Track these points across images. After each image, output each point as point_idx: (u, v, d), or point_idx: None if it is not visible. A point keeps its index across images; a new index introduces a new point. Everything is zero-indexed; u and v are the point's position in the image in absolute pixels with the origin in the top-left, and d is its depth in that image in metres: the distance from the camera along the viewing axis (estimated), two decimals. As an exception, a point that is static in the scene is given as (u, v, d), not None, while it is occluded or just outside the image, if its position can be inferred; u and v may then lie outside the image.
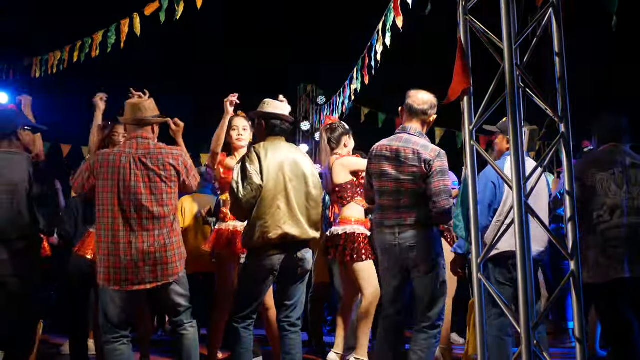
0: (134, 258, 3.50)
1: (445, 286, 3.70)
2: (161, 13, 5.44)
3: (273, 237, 3.67)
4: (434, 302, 3.63)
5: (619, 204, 3.76)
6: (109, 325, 3.55)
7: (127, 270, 3.50)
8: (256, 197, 3.69)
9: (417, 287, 3.67)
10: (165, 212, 3.60)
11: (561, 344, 6.13)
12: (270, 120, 3.90)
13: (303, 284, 3.89)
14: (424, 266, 3.62)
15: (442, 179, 3.60)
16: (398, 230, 3.66)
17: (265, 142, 3.87)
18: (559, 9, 2.96)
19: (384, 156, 3.74)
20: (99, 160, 3.60)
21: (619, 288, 3.68)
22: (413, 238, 3.62)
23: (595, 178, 3.83)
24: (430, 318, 3.63)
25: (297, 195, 3.76)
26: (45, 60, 7.33)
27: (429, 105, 3.80)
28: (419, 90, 3.83)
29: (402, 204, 3.66)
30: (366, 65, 6.07)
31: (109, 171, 3.55)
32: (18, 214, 3.90)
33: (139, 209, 3.53)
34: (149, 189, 3.57)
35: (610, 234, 3.74)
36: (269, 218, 3.68)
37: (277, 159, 3.77)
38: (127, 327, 3.61)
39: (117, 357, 3.53)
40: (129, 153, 3.60)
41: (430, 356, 3.61)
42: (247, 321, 3.79)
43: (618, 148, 3.93)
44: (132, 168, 3.56)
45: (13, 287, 3.88)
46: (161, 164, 3.62)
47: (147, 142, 3.68)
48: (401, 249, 3.64)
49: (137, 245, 3.51)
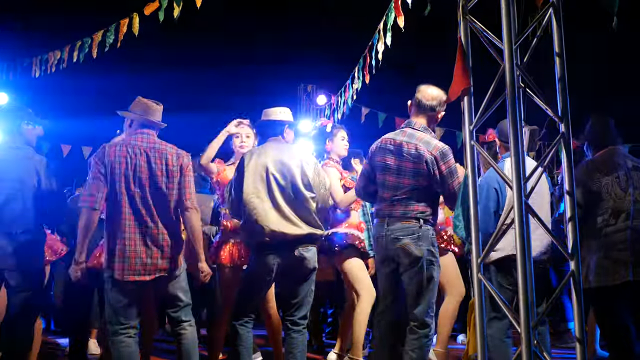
0: (137, 249, 3.55)
1: (433, 283, 3.66)
2: (160, 12, 5.43)
3: (262, 236, 3.74)
4: (420, 298, 3.61)
5: (623, 208, 3.75)
6: (116, 316, 3.56)
7: (130, 260, 3.54)
8: (238, 203, 3.81)
9: (404, 281, 3.66)
10: (167, 204, 3.66)
11: (561, 344, 6.13)
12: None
13: (307, 283, 3.89)
14: (407, 259, 3.61)
15: (455, 179, 3.62)
16: (387, 221, 3.68)
17: (255, 148, 4.09)
18: (559, 9, 2.96)
19: (388, 149, 3.76)
20: (105, 152, 3.64)
21: (622, 291, 3.67)
22: (399, 230, 3.62)
23: (601, 182, 3.81)
24: (416, 315, 3.60)
25: (284, 193, 3.81)
26: (45, 60, 7.31)
27: (438, 101, 3.79)
28: (430, 85, 3.82)
29: (397, 197, 3.67)
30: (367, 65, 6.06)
31: (115, 162, 3.59)
32: (24, 208, 3.92)
33: (143, 201, 3.60)
34: (151, 181, 3.63)
35: (615, 238, 3.73)
36: (256, 219, 3.74)
37: (261, 161, 3.85)
38: (135, 318, 3.61)
39: (123, 348, 3.55)
40: (134, 145, 3.67)
41: (424, 356, 3.59)
42: (244, 319, 3.81)
43: (616, 151, 3.92)
44: (138, 159, 3.62)
45: (15, 281, 3.90)
46: (164, 158, 3.68)
47: (152, 137, 3.76)
48: (387, 240, 3.65)
49: (140, 237, 3.57)
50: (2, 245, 3.87)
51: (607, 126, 3.99)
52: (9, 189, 3.92)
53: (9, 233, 3.89)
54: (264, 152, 3.91)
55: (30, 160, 4.00)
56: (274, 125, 4.02)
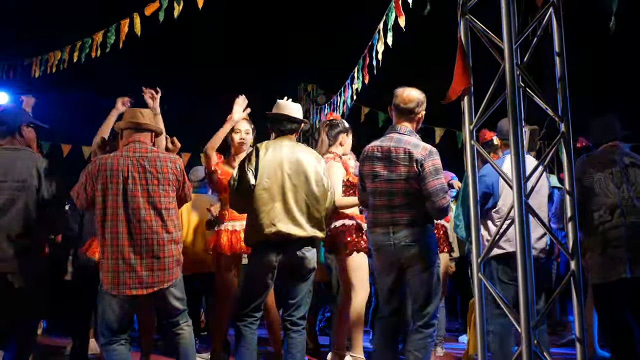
0: (131, 262, 3.48)
1: (439, 284, 3.68)
2: (161, 12, 5.44)
3: (267, 235, 3.71)
4: (429, 300, 3.61)
5: (618, 204, 3.76)
6: (107, 329, 3.54)
7: (125, 274, 3.48)
8: (247, 196, 3.74)
9: (413, 285, 3.64)
10: (162, 215, 3.58)
11: (561, 338, 6.15)
12: (275, 120, 3.96)
13: (306, 283, 3.88)
14: (420, 264, 3.59)
15: (437, 177, 3.57)
16: (392, 230, 3.63)
17: (269, 141, 3.94)
18: (560, 8, 2.96)
19: (376, 157, 3.71)
20: (97, 164, 3.60)
21: (620, 288, 3.67)
22: (408, 237, 3.59)
23: (593, 178, 3.84)
24: (425, 316, 3.60)
25: (296, 193, 3.76)
26: (45, 60, 7.31)
27: (416, 103, 3.73)
28: (406, 88, 3.77)
29: (396, 204, 3.63)
30: (366, 64, 6.06)
31: (107, 175, 3.54)
32: (25, 211, 3.90)
33: (136, 213, 3.52)
34: (146, 192, 3.56)
35: (611, 234, 3.75)
36: (263, 216, 3.72)
37: (277, 157, 3.79)
38: (125, 331, 3.59)
39: (116, 356, 3.53)
40: (126, 156, 3.60)
41: (427, 356, 3.59)
42: (248, 319, 3.80)
43: (617, 148, 3.93)
44: (130, 171, 3.55)
45: (16, 284, 3.89)
46: (159, 167, 3.62)
47: (145, 146, 3.68)
48: (396, 248, 3.61)
49: (134, 249, 3.49)
50: (3, 247, 3.86)
51: (605, 124, 4.01)
52: (10, 191, 3.91)
53: (10, 235, 3.88)
54: (280, 148, 3.84)
55: (30, 161, 3.99)
56: (291, 122, 3.95)
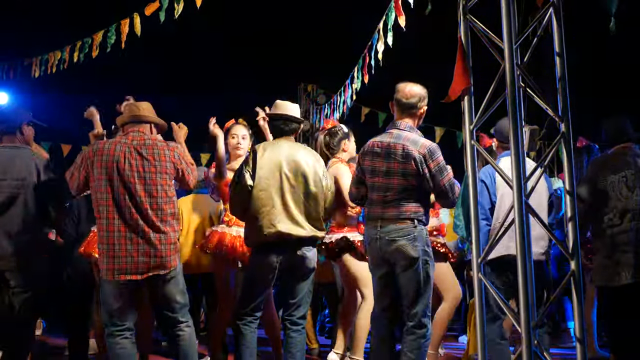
0: (127, 247, 3.49)
1: (429, 284, 3.63)
2: (161, 12, 5.44)
3: (268, 236, 3.72)
4: (417, 299, 3.57)
5: (629, 208, 3.72)
6: (110, 318, 3.54)
7: (120, 259, 3.48)
8: (245, 197, 3.74)
9: (400, 282, 3.62)
10: (159, 203, 3.57)
11: (561, 343, 6.13)
12: (273, 121, 3.98)
13: (306, 283, 3.89)
14: (404, 260, 3.57)
15: (445, 175, 3.58)
16: (380, 224, 3.63)
17: (267, 142, 3.95)
18: (560, 8, 2.96)
19: (375, 152, 3.71)
20: (93, 149, 3.59)
21: (624, 293, 3.65)
22: (392, 232, 3.58)
23: (607, 181, 3.79)
24: (415, 315, 3.58)
25: (294, 193, 3.77)
26: (45, 60, 7.31)
27: (418, 98, 3.72)
28: (408, 83, 3.76)
29: (388, 199, 3.63)
30: (366, 64, 6.06)
31: (104, 159, 3.53)
32: (25, 208, 3.91)
33: (132, 199, 3.51)
34: (142, 179, 3.55)
35: (619, 239, 3.70)
36: (263, 217, 3.72)
37: (275, 157, 3.79)
38: (131, 319, 3.59)
39: (119, 350, 3.53)
40: (124, 143, 3.59)
41: (422, 356, 3.57)
42: (248, 319, 3.81)
43: (629, 149, 3.89)
44: (126, 157, 3.54)
45: (15, 282, 3.89)
46: (157, 155, 3.60)
47: (143, 134, 3.68)
48: (382, 242, 3.61)
49: (130, 235, 3.50)
50: (2, 245, 3.86)
51: (616, 126, 3.97)
52: (9, 189, 3.91)
53: (9, 233, 3.88)
54: (278, 149, 3.84)
55: (29, 159, 4.00)
56: (290, 122, 3.95)
